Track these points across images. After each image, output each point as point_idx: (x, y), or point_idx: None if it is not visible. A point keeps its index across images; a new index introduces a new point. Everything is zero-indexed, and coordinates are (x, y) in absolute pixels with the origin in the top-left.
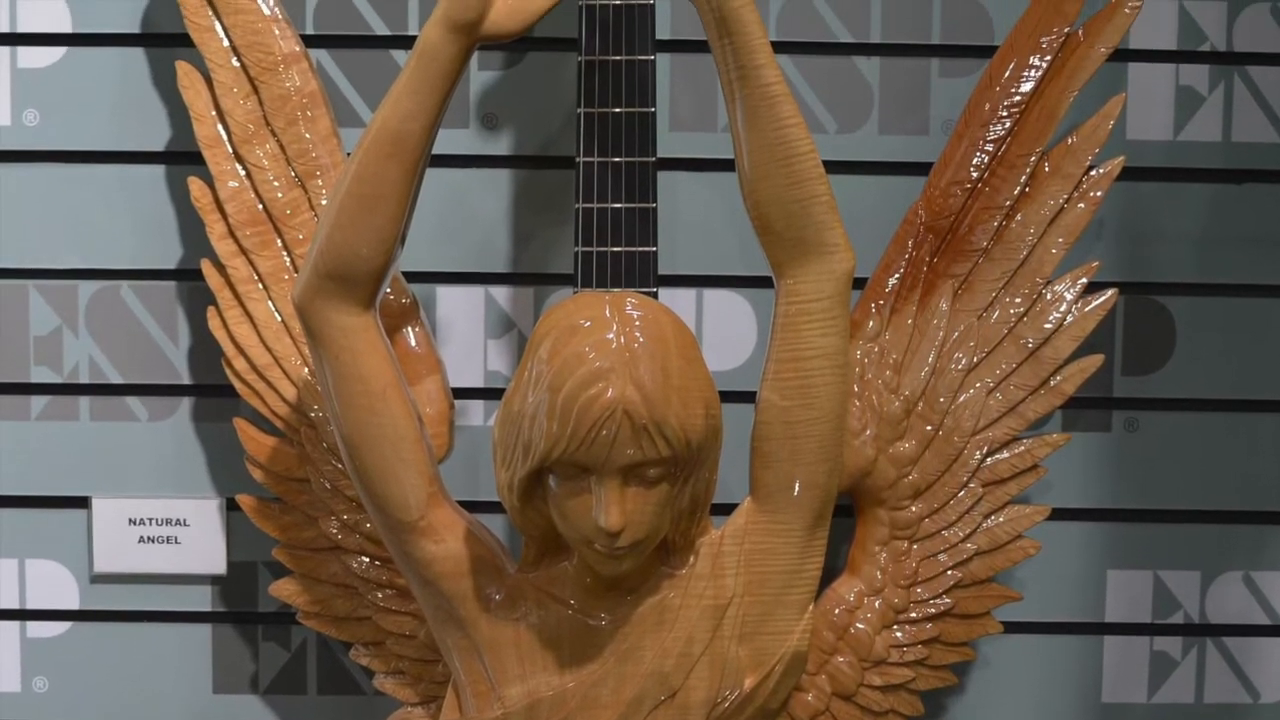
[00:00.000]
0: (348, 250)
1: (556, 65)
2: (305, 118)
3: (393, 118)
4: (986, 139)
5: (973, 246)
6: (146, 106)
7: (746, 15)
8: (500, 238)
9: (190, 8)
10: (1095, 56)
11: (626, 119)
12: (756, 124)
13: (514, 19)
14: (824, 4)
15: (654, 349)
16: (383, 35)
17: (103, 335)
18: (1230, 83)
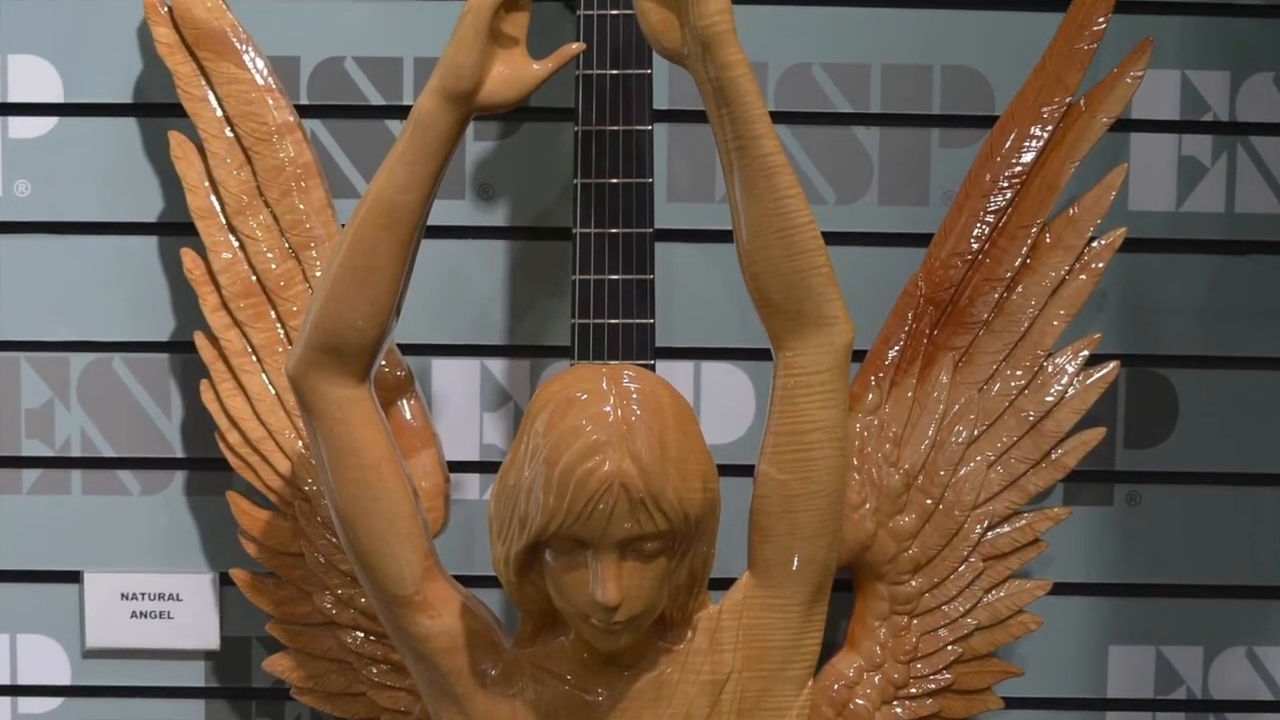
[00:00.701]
0: (342, 322)
1: (553, 135)
2: (299, 188)
3: (388, 188)
4: (987, 210)
5: (973, 318)
6: (139, 177)
7: (745, 85)
8: (496, 310)
9: (183, 78)
10: (1097, 127)
11: (624, 190)
12: (755, 195)
13: (510, 88)
14: (823, 74)
15: (651, 422)
16: (377, 105)
17: (95, 408)
18: (1233, 153)
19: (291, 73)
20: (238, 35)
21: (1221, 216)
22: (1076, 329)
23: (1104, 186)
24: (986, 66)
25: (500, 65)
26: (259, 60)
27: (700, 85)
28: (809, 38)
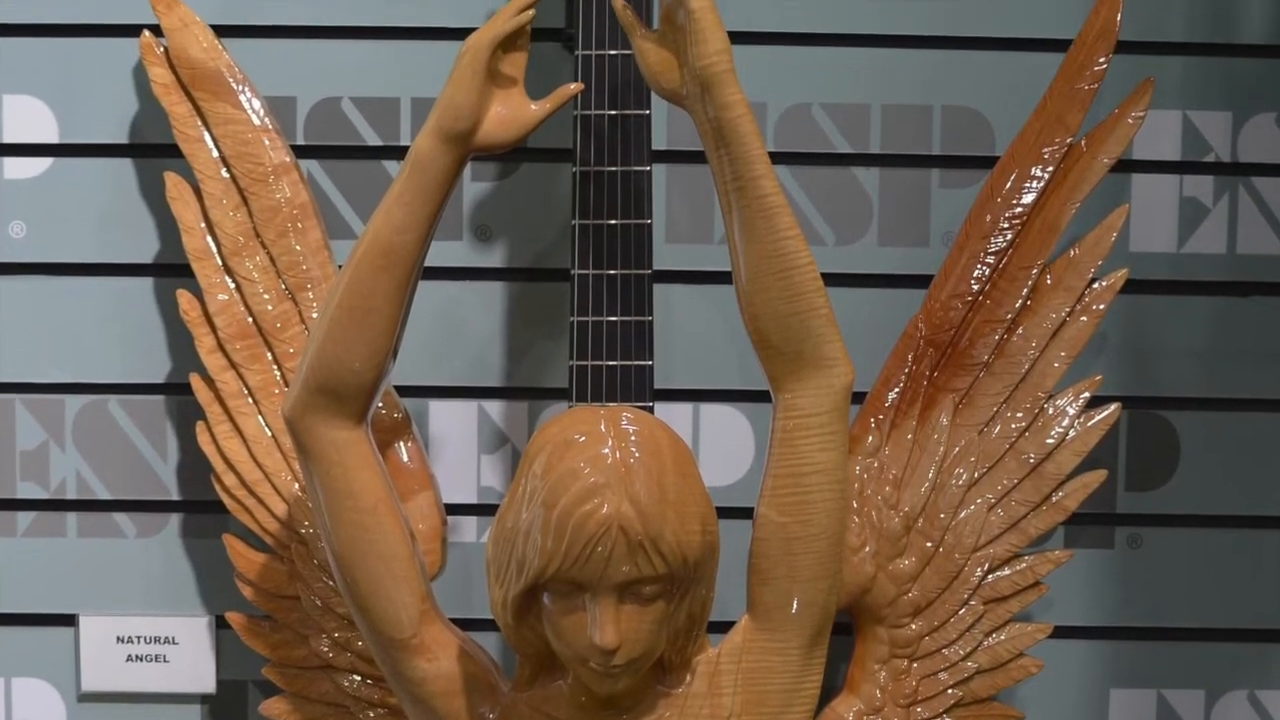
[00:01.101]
0: (339, 364)
1: (551, 176)
2: (296, 229)
3: (385, 229)
4: (987, 251)
5: (973, 360)
6: (135, 218)
7: (744, 126)
8: (494, 351)
9: (179, 118)
10: (1098, 167)
11: (622, 231)
12: (754, 235)
13: (508, 129)
14: (822, 114)
15: (650, 464)
16: (374, 146)
17: (90, 450)
18: (1235, 194)
19: (288, 113)
20: (234, 75)
21: (1223, 258)
22: (1077, 371)
23: (1105, 227)
24: (987, 107)
25: (498, 105)
26: (255, 100)
27: (699, 126)
28: (808, 78)
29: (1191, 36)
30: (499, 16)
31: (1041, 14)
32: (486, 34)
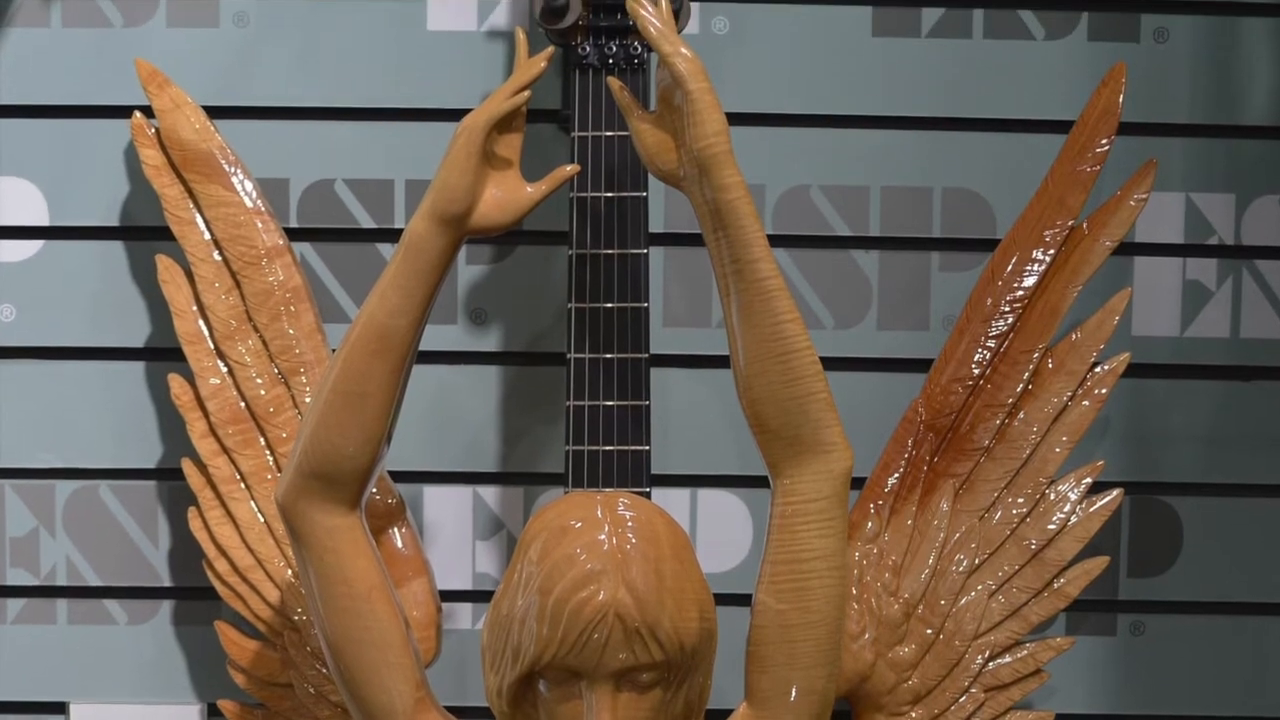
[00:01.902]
0: (333, 449)
1: (547, 259)
2: (289, 313)
3: (379, 313)
4: (988, 335)
5: (974, 445)
6: (126, 301)
7: (742, 208)
8: (489, 436)
9: (171, 200)
10: (1100, 250)
11: (618, 314)
12: (752, 319)
13: (503, 211)
14: (821, 196)
15: (647, 550)
16: (368, 228)
17: (81, 536)
18: (1238, 277)
19: (281, 195)
20: (226, 157)
21: (1226, 342)
22: (1079, 456)
23: (1107, 311)
24: (987, 189)
25: (493, 187)
26: (248, 182)
27: (697, 208)
28: (807, 160)
29: (1194, 118)
30: (494, 98)
31: (1042, 95)
32: (482, 115)
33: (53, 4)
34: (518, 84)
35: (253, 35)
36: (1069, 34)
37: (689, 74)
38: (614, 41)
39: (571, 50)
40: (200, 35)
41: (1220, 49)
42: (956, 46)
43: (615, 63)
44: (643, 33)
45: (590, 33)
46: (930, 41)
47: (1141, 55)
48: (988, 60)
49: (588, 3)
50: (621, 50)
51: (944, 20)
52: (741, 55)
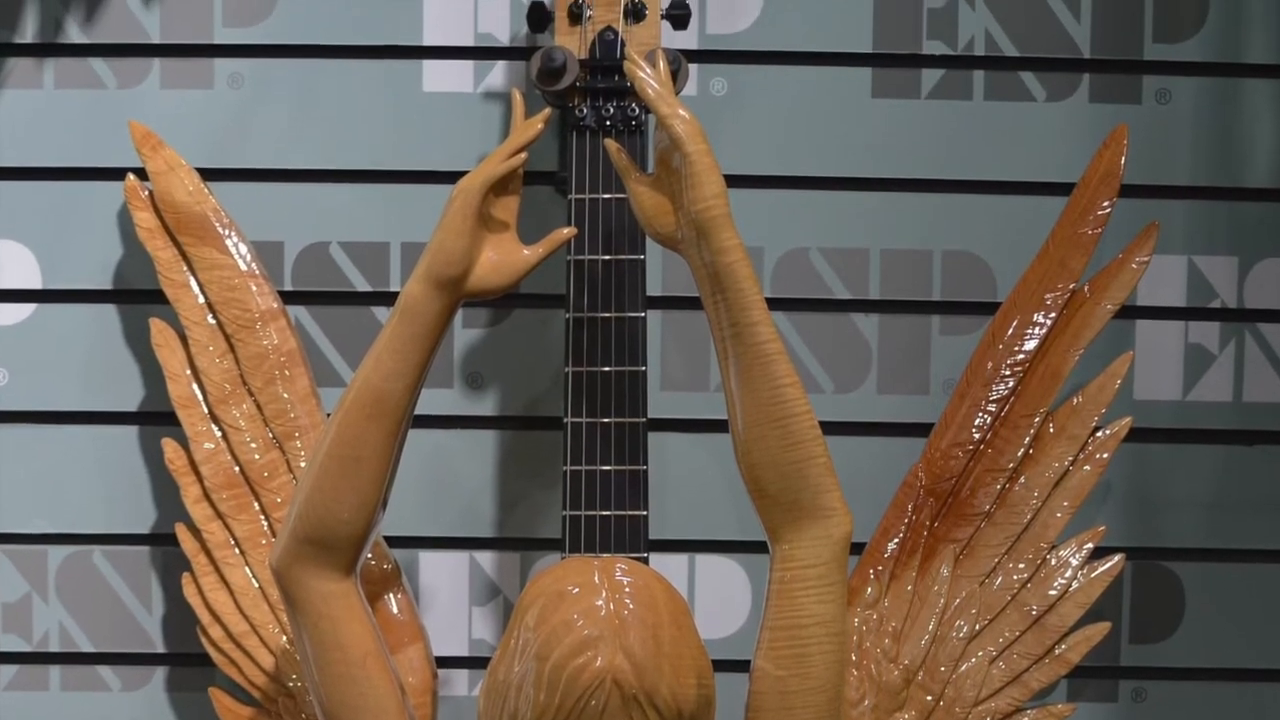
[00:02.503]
0: (328, 514)
1: (543, 323)
2: (283, 377)
3: (374, 377)
4: (989, 399)
5: (975, 510)
6: (119, 365)
7: (740, 271)
8: (485, 501)
9: (165, 263)
10: (1102, 313)
11: (616, 378)
12: (750, 383)
13: (499, 274)
14: (821, 259)
15: (644, 616)
16: (363, 291)
17: (74, 602)
18: (1241, 341)
19: (275, 258)
20: (220, 220)
21: (1229, 406)
22: (1080, 521)
23: (1109, 375)
24: (988, 252)
25: (490, 250)
26: (242, 245)
27: (695, 271)
28: (806, 222)
29: (1196, 180)
30: (491, 160)
31: (1043, 157)
32: (478, 178)
33: (46, 65)
34: (514, 146)
35: (247, 97)
36: (1070, 96)
37: (687, 136)
38: (611, 103)
39: (569, 112)
40: (194, 97)
41: (1223, 111)
42: (957, 108)
43: (613, 124)
44: (640, 94)
45: (587, 94)
46: (930, 103)
47: (1143, 117)
48: (988, 122)
49: (585, 64)
50: (619, 112)
51: (944, 81)
52: (740, 117)
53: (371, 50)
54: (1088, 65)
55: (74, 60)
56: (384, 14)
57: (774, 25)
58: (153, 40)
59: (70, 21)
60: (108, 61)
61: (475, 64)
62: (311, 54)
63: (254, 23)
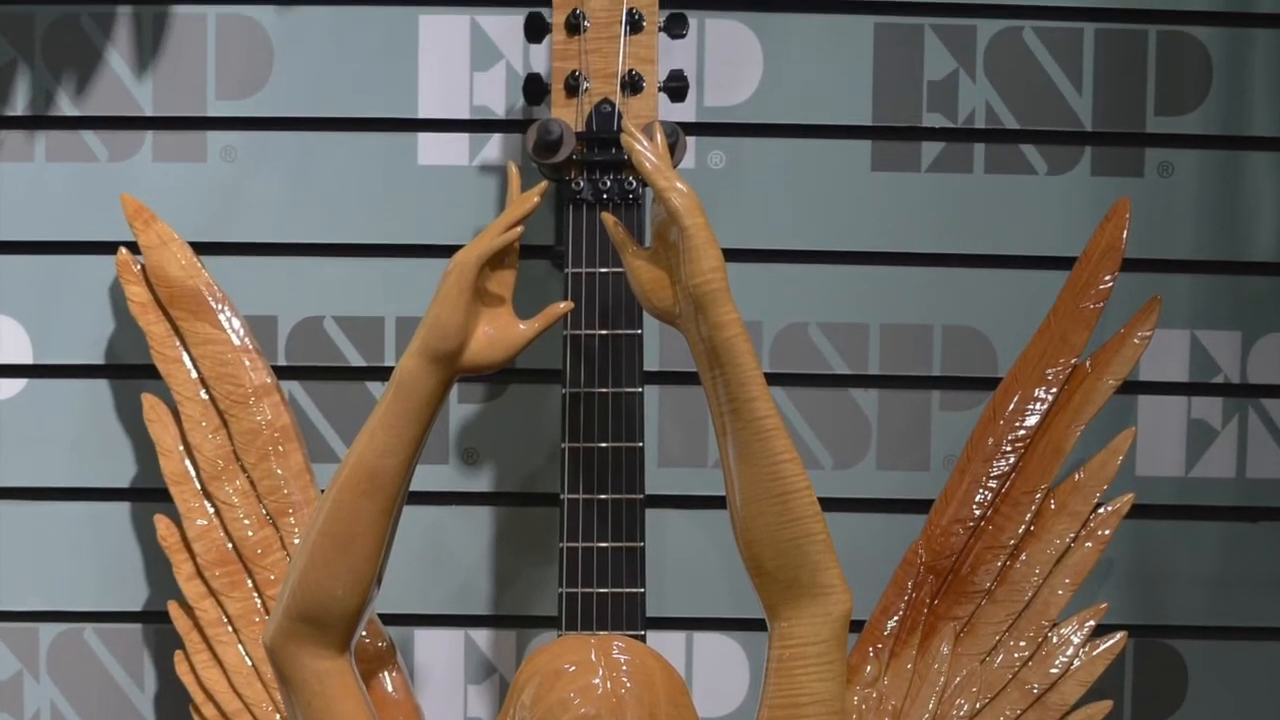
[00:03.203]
0: (322, 591)
1: (540, 398)
2: (277, 452)
3: (369, 452)
4: (990, 475)
5: (975, 587)
6: (111, 441)
7: (739, 346)
8: (481, 579)
9: (157, 338)
10: (1104, 389)
11: (613, 454)
12: (749, 459)
13: (495, 349)
14: (820, 333)
15: (642, 695)
16: (358, 366)
17: (65, 681)
18: (1244, 417)
19: (269, 332)
20: (213, 294)
21: (1232, 482)
22: (1082, 598)
23: (1111, 451)
24: (988, 326)
25: (486, 325)
26: (235, 320)
27: (692, 345)
28: (805, 296)
29: (1199, 254)
30: (486, 233)
31: (1045, 231)
32: (473, 251)
33: (37, 138)
34: (510, 219)
35: (241, 169)
36: (1071, 169)
37: (684, 209)
38: (608, 176)
39: (565, 185)
40: (187, 170)
41: (1226, 184)
42: (957, 181)
43: (610, 198)
44: (638, 167)
45: (584, 167)
46: (930, 176)
47: (1145, 190)
48: (989, 195)
49: (582, 137)
50: (616, 185)
51: (944, 154)
52: (738, 190)
53: (366, 123)
54: (1089, 138)
55: (65, 133)
56: (379, 86)
57: (772, 97)
58: (145, 112)
59: (61, 93)
60: (99, 134)
61: (471, 137)
62: (306, 126)
63: (247, 95)
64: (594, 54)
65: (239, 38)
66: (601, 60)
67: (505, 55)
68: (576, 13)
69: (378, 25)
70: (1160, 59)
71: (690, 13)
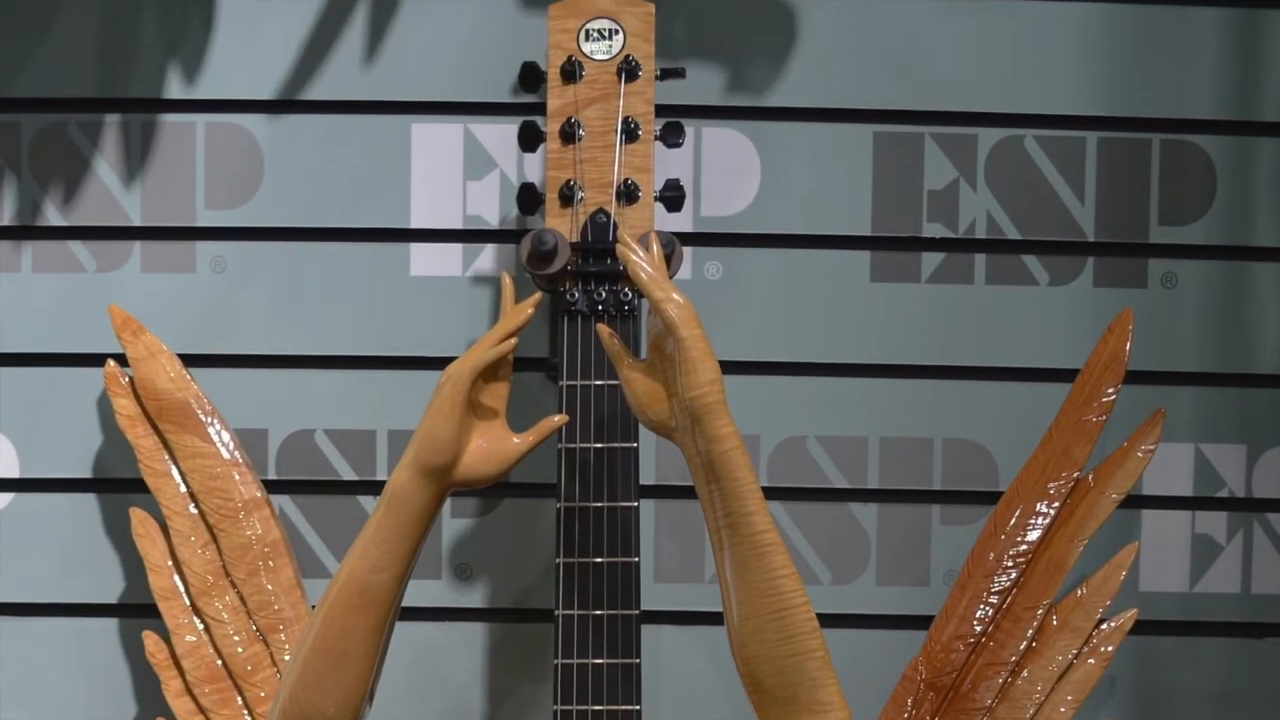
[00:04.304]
0: (313, 709)
1: (534, 512)
2: (267, 568)
3: (360, 567)
4: (991, 590)
5: (976, 705)
6: (99, 556)
7: (736, 459)
8: (474, 696)
9: (145, 451)
10: (1106, 503)
11: (608, 569)
12: (746, 575)
13: (489, 463)
14: (818, 447)
15: None
16: (349, 480)
17: None
18: (1250, 531)
19: (259, 446)
20: (202, 407)
21: (1237, 598)
22: (1085, 716)
23: (1113, 566)
24: (989, 439)
25: (479, 438)
26: (225, 433)
27: (689, 459)
28: (804, 409)
29: (1204, 366)
30: (480, 345)
31: (1046, 342)
32: (467, 363)
33: (24, 248)
34: (504, 331)
35: (230, 281)
36: (1074, 279)
37: (681, 320)
38: (604, 287)
39: (560, 296)
40: (176, 281)
41: (1230, 295)
42: (957, 292)
43: (605, 309)
44: (633, 278)
45: (579, 278)
46: (930, 287)
47: (1149, 301)
48: (990, 306)
49: (577, 247)
50: (611, 296)
51: (944, 265)
52: (735, 301)
53: (358, 233)
54: (1092, 248)
55: (52, 243)
56: (371, 196)
57: (770, 207)
58: (133, 222)
59: (49, 203)
60: (87, 244)
61: (464, 247)
62: (296, 237)
63: (237, 205)
64: (589, 163)
65: (229, 146)
66: (597, 169)
67: (499, 164)
68: (572, 121)
69: (370, 133)
70: (1164, 168)
71: (687, 121)
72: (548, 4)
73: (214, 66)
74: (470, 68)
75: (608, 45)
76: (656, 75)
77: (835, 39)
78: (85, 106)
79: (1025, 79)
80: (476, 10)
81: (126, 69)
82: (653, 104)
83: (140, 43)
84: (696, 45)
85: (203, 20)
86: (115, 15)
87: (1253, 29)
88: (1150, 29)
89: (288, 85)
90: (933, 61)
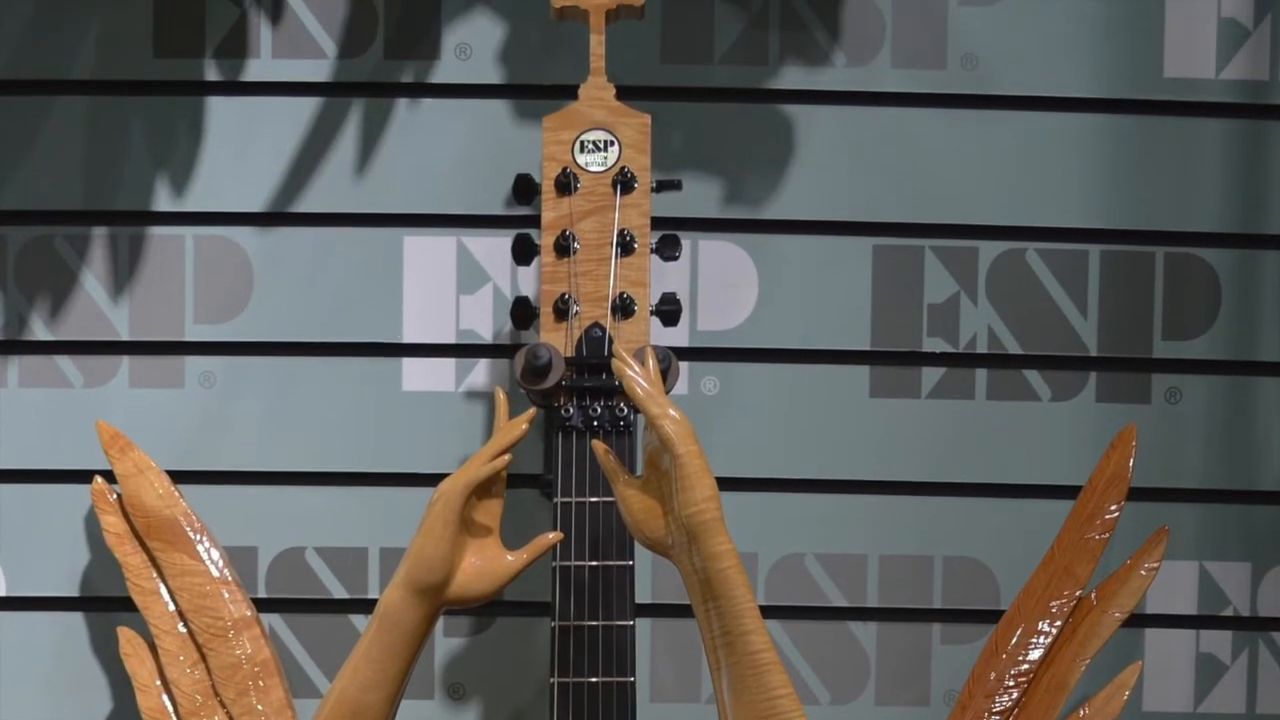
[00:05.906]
0: None
1: (528, 631)
2: (257, 688)
3: (352, 687)
4: (992, 711)
5: None
6: (86, 676)
7: (733, 577)
8: None
9: (133, 569)
10: (1109, 622)
11: (603, 689)
12: (744, 694)
13: (482, 581)
14: (817, 565)
15: None
16: (340, 599)
17: None
18: (1254, 651)
19: (249, 564)
20: (191, 524)
21: (1242, 718)
22: None
23: (1117, 686)
24: (990, 557)
25: (472, 556)
26: (214, 551)
27: (685, 577)
28: (802, 527)
29: (1208, 483)
30: (473, 462)
31: (1048, 459)
32: (459, 480)
33: (10, 363)
34: (498, 447)
35: (219, 396)
36: (1076, 395)
37: (677, 437)
38: (599, 403)
39: (554, 412)
40: (164, 396)
41: (1235, 411)
42: (958, 408)
43: (600, 425)
44: (629, 393)
45: (574, 393)
46: (930, 402)
47: (1152, 417)
48: (990, 422)
49: (571, 362)
50: (606, 412)
51: (945, 380)
52: (732, 417)
53: (349, 348)
54: (1095, 363)
55: (39, 358)
56: (362, 310)
57: (768, 321)
58: (121, 337)
59: (35, 317)
60: (74, 359)
61: (457, 362)
62: (286, 351)
63: (226, 319)
64: (584, 276)
65: (218, 260)
66: (592, 283)
67: (492, 277)
68: (566, 234)
69: (361, 247)
70: (1167, 281)
71: (683, 234)
72: (542, 115)
73: (203, 178)
74: (463, 179)
75: (603, 157)
76: (652, 187)
77: (833, 150)
78: (73, 219)
79: (1027, 191)
80: (469, 121)
81: (115, 181)
82: (649, 216)
83: (129, 154)
84: (693, 156)
85: (192, 131)
86: (103, 126)
87: (1257, 140)
88: (1153, 140)
89: (278, 197)
90: (932, 173)
